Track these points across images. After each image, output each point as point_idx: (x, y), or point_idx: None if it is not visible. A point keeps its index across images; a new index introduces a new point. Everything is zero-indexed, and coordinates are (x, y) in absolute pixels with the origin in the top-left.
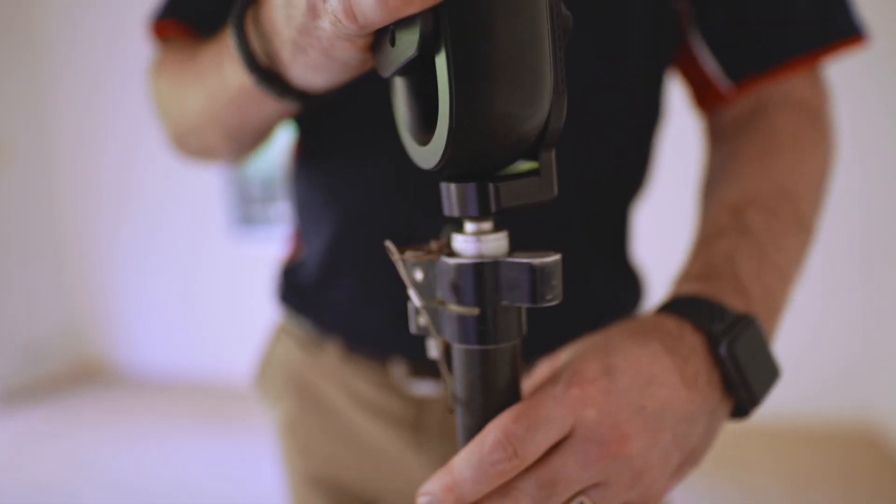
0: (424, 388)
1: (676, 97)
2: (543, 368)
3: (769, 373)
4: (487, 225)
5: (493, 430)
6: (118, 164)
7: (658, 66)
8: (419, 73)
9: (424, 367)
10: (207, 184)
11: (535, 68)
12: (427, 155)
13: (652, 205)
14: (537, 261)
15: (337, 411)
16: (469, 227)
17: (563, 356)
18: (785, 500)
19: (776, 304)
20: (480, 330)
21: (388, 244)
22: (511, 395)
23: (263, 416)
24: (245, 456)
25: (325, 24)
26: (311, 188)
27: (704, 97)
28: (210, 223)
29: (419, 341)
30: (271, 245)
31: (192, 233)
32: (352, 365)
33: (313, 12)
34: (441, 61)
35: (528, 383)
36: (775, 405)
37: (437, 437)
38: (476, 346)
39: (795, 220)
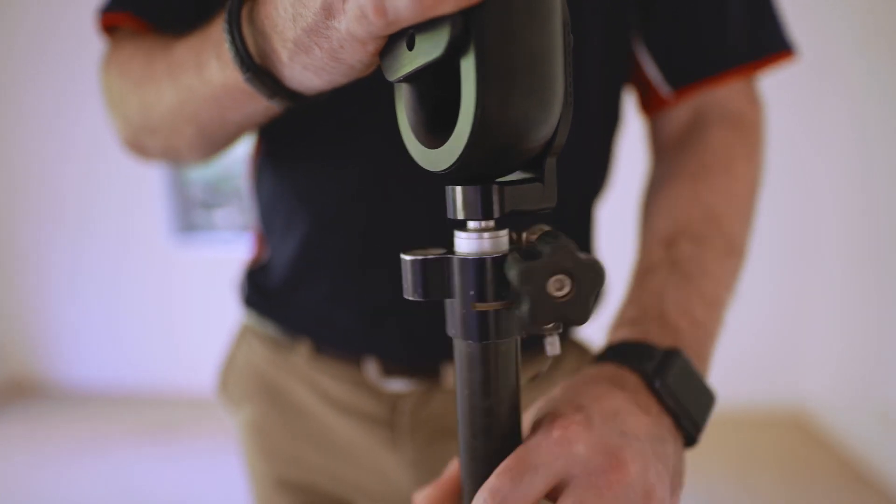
0: (397, 386)
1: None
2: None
3: (705, 398)
4: (490, 223)
5: (482, 490)
6: (46, 167)
7: (616, 76)
8: (427, 78)
9: (397, 366)
10: (145, 189)
11: (552, 79)
12: (438, 157)
13: (610, 206)
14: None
15: (306, 412)
16: (473, 224)
17: (527, 418)
18: (720, 483)
19: (707, 331)
20: (486, 325)
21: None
22: (513, 392)
23: (210, 427)
24: (192, 468)
25: (341, 23)
26: (281, 190)
27: (648, 102)
28: (147, 229)
29: (392, 342)
30: (213, 251)
31: (128, 240)
32: (322, 364)
33: (328, 11)
34: (467, 65)
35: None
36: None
37: (408, 433)
38: (481, 342)
39: (724, 245)
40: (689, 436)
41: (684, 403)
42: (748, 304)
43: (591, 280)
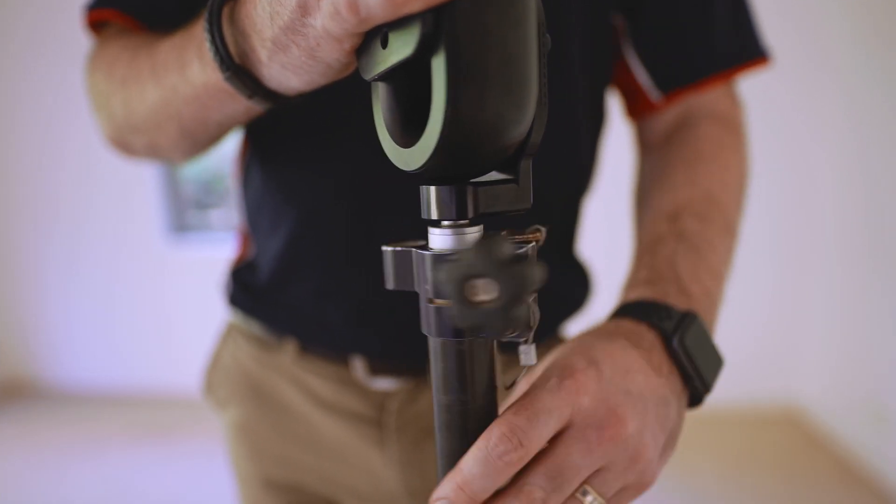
0: (385, 384)
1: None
2: (523, 385)
3: (715, 361)
4: (464, 220)
5: (497, 426)
6: (41, 168)
7: (599, 76)
8: (403, 77)
9: (384, 365)
10: (139, 189)
11: (525, 79)
12: (411, 157)
13: (597, 203)
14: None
15: (293, 411)
16: (446, 221)
17: (539, 368)
18: (716, 481)
19: (713, 300)
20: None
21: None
22: (489, 387)
23: (204, 427)
24: (187, 469)
25: (317, 21)
26: (266, 188)
27: (636, 106)
28: (142, 230)
29: (379, 340)
30: (208, 252)
31: (122, 241)
32: (308, 363)
33: (304, 9)
34: (438, 63)
35: (510, 398)
36: None
37: (395, 432)
38: (454, 338)
39: (723, 224)
40: (696, 396)
41: (698, 364)
42: (744, 303)
43: (512, 287)
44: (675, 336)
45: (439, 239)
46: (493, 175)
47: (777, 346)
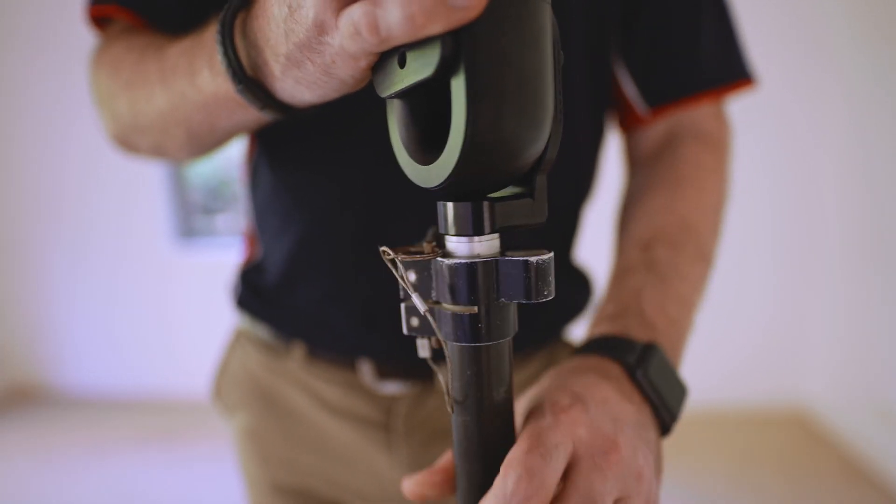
0: (392, 388)
1: None
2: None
3: (679, 390)
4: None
5: (511, 468)
6: (46, 172)
7: (600, 88)
8: (419, 94)
9: (392, 368)
10: (145, 194)
11: (542, 97)
12: (430, 174)
13: (599, 209)
14: (533, 258)
15: (301, 416)
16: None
17: (518, 406)
18: (721, 481)
19: (681, 329)
20: (478, 327)
21: (383, 249)
22: (506, 392)
23: (210, 431)
24: (192, 473)
25: (335, 40)
26: (275, 191)
27: (625, 120)
28: (148, 235)
29: (386, 343)
30: (214, 257)
31: (129, 245)
32: (316, 368)
33: (321, 28)
34: (458, 84)
35: None
36: (711, 393)
37: (403, 435)
38: (472, 344)
39: (697, 251)
40: (665, 425)
41: (662, 394)
42: (749, 303)
43: None
44: (639, 369)
45: (456, 246)
46: (508, 189)
47: (782, 346)
